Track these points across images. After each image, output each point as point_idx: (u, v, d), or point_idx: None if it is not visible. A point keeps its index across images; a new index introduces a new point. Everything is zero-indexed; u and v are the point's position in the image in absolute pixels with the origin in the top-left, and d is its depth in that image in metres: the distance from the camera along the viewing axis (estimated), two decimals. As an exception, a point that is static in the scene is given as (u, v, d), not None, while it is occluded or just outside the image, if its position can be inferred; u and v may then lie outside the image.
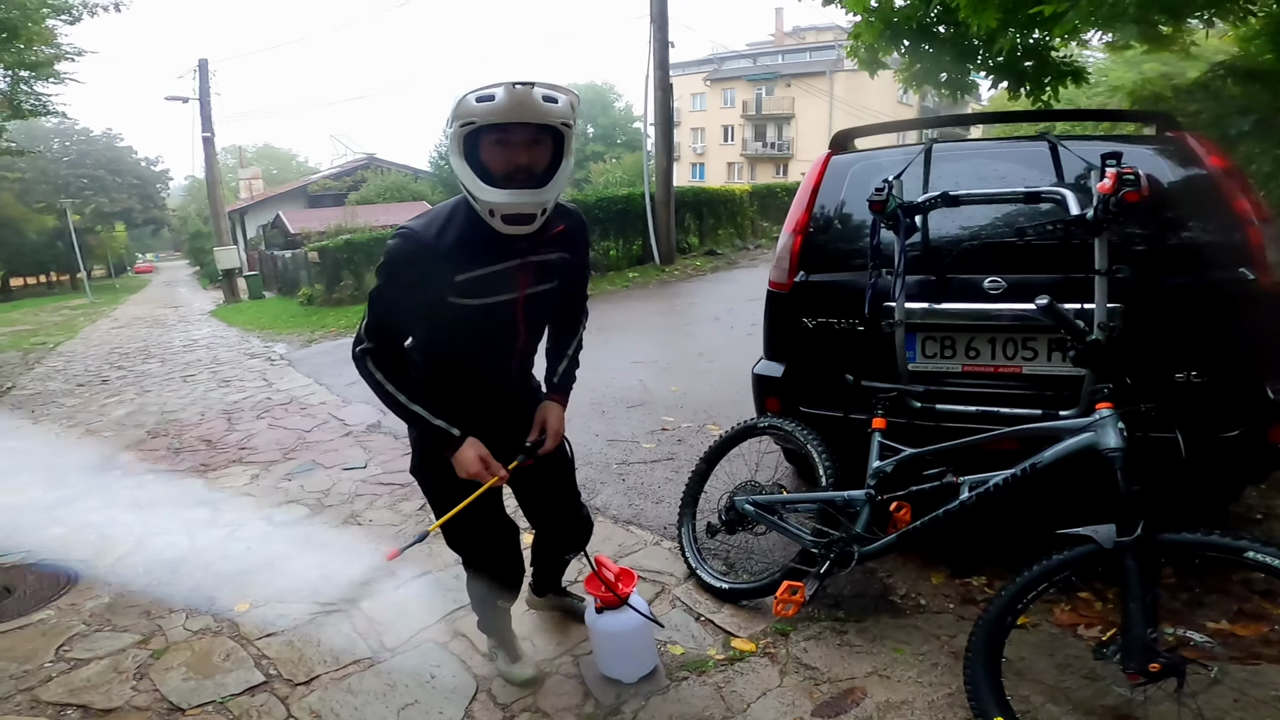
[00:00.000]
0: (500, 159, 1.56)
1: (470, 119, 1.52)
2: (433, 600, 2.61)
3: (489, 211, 1.58)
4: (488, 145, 1.56)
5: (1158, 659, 1.55)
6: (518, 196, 1.56)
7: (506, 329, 1.79)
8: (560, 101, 1.53)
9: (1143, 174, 1.75)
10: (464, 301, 1.66)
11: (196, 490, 4.19)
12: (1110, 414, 1.70)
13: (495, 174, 1.57)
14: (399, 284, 1.64)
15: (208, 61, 18.15)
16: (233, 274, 19.56)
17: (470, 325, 1.72)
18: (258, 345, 10.18)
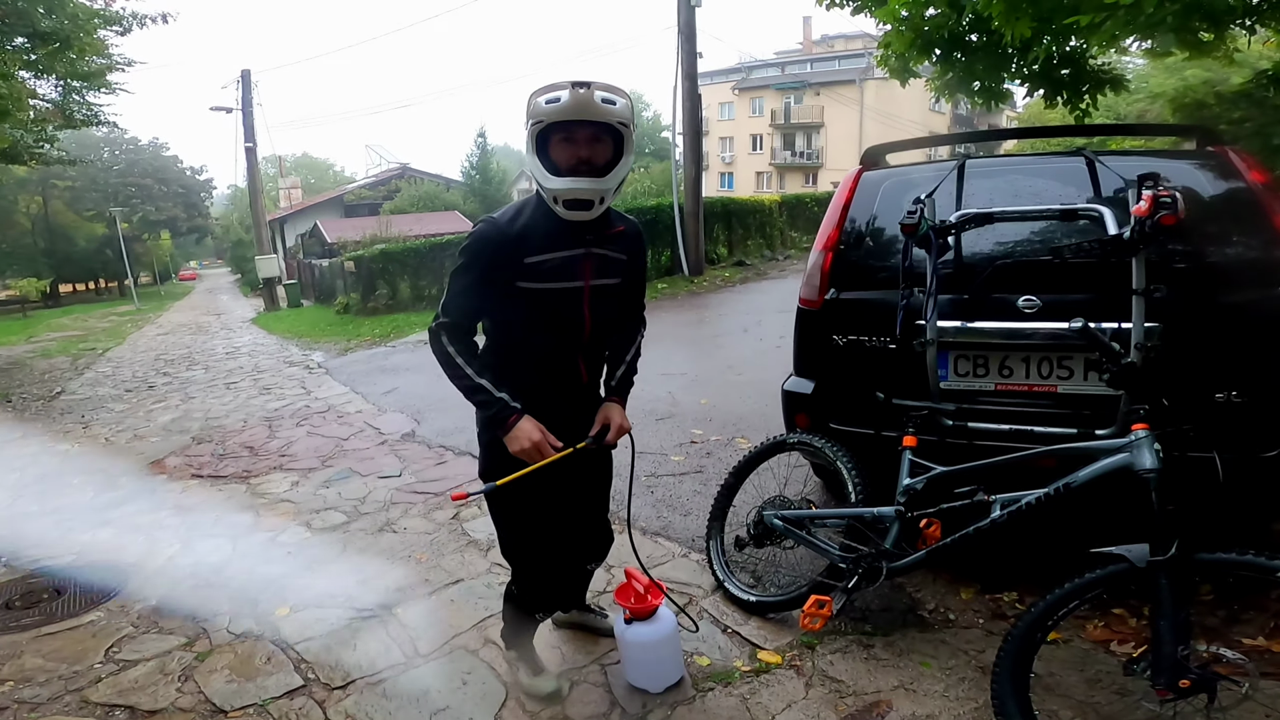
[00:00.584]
0: (565, 153, 1.73)
1: (540, 118, 1.70)
2: (464, 607, 2.67)
3: (554, 199, 1.76)
4: (555, 141, 1.73)
5: (1188, 675, 1.54)
6: (577, 183, 1.74)
7: (572, 319, 1.89)
8: (618, 103, 1.70)
9: (1179, 196, 1.72)
10: (532, 285, 1.81)
11: (239, 496, 4.32)
12: (1146, 435, 1.69)
13: (561, 167, 1.74)
14: (477, 264, 1.80)
15: (250, 72, 18.67)
16: (273, 282, 20.08)
17: (538, 312, 1.84)
18: (296, 353, 10.45)
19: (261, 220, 20.34)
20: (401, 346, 9.76)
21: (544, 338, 1.89)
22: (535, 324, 1.86)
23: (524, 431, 1.81)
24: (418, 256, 14.35)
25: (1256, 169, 2.25)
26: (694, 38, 12.37)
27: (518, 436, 1.81)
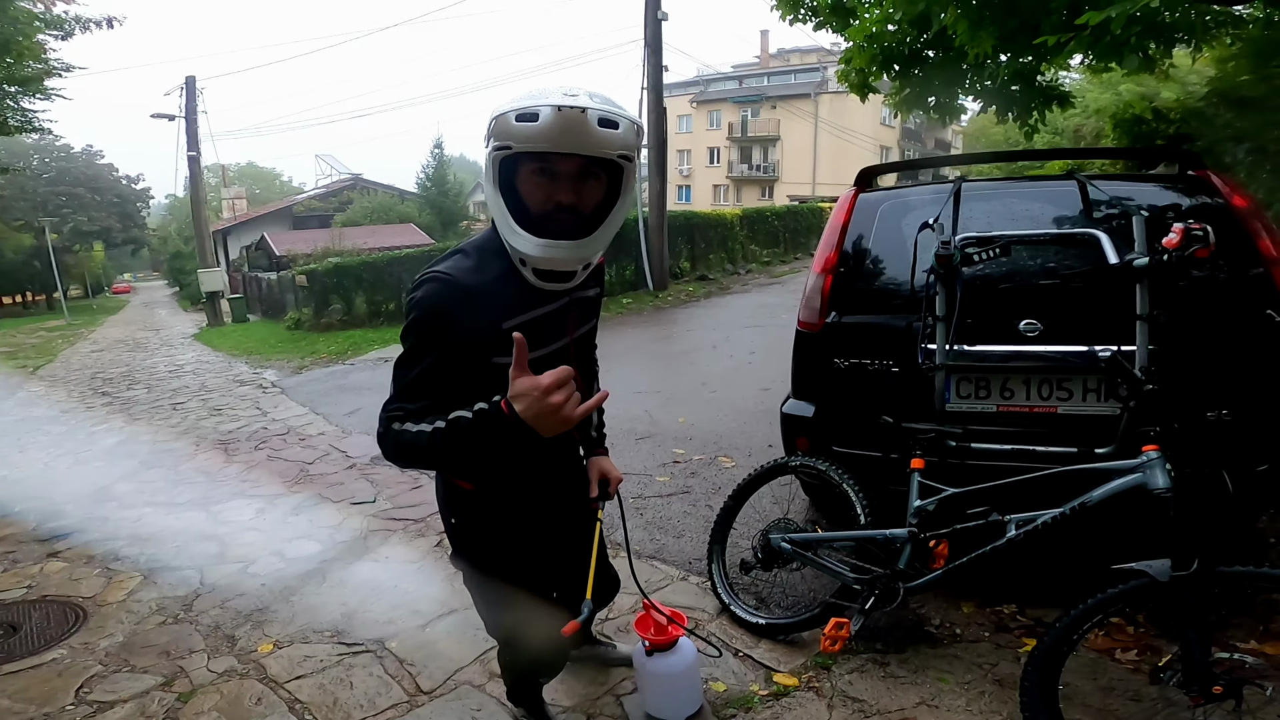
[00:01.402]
0: (540, 193, 1.29)
1: (507, 142, 1.23)
2: (462, 639, 2.57)
3: (520, 260, 1.33)
4: (527, 175, 1.29)
5: (1219, 681, 1.61)
6: (553, 249, 1.29)
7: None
8: (620, 127, 1.24)
9: (1210, 229, 1.79)
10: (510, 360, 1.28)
11: (200, 524, 4.10)
12: (1158, 455, 1.74)
13: (534, 211, 1.30)
14: (435, 342, 1.31)
15: (195, 79, 18.08)
16: (216, 297, 19.32)
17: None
18: (246, 371, 10.04)
19: (205, 232, 19.61)
20: (361, 364, 9.48)
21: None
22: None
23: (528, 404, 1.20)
24: (374, 270, 14.00)
25: (1239, 193, 2.36)
26: (660, 51, 12.49)
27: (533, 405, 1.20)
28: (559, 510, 1.68)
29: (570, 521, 1.73)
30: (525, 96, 1.23)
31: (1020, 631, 2.40)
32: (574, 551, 1.70)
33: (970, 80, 5.56)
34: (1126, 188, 2.46)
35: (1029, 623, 2.44)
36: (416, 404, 1.31)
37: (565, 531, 1.72)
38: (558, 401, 1.20)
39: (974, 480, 2.13)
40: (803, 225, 18.81)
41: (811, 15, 6.73)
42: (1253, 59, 5.05)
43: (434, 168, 29.72)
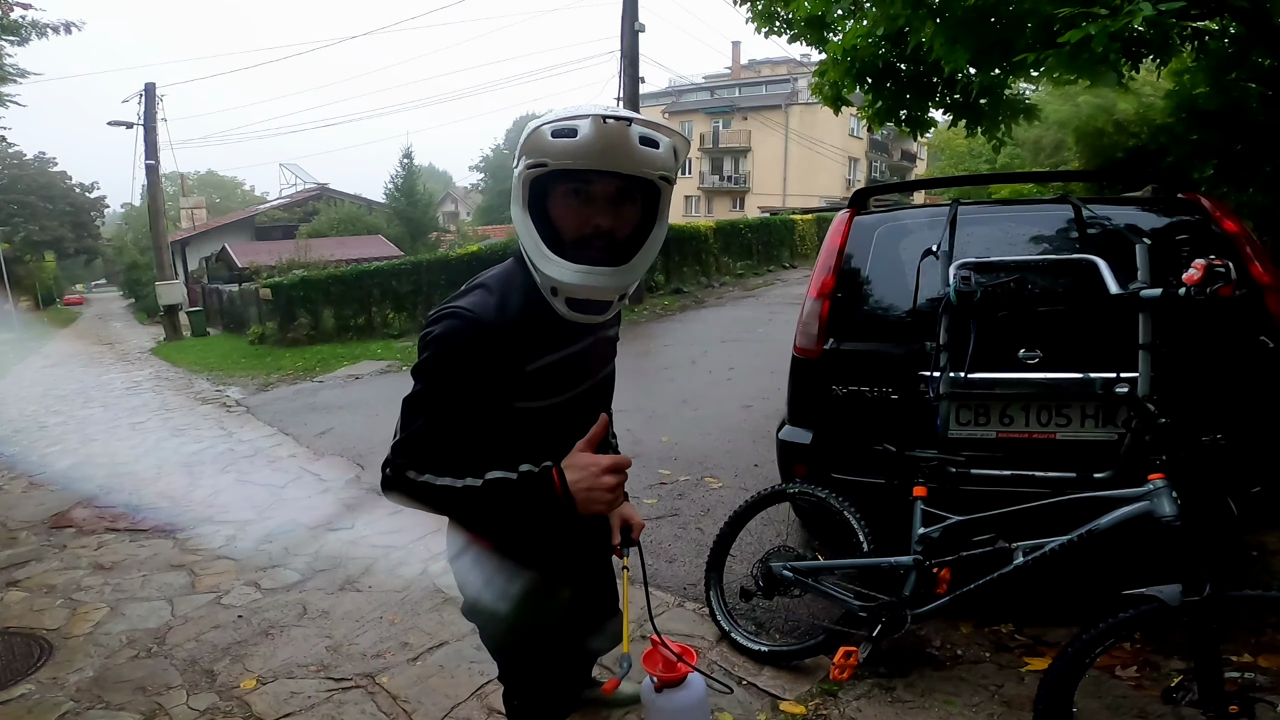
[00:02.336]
0: (575, 217, 1.20)
1: (541, 159, 1.14)
2: (457, 673, 2.49)
3: (550, 289, 1.22)
4: (561, 196, 1.20)
5: (1234, 701, 1.63)
6: (592, 276, 1.19)
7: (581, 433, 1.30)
8: (661, 146, 1.17)
9: (1231, 265, 1.81)
10: (536, 405, 1.27)
11: (167, 552, 3.94)
12: (1164, 484, 1.77)
13: (566, 235, 1.21)
14: (452, 384, 1.22)
15: (155, 85, 17.60)
16: (175, 310, 18.74)
17: (546, 441, 1.26)
18: (208, 389, 9.75)
19: (162, 243, 19.02)
20: (330, 382, 9.26)
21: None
22: (534, 454, 1.25)
23: (582, 478, 1.19)
24: (342, 284, 13.71)
25: (1229, 218, 2.42)
26: (636, 62, 12.55)
27: (586, 486, 1.19)
28: (582, 562, 1.59)
29: (592, 571, 1.66)
30: (561, 111, 1.16)
31: (1020, 650, 2.41)
32: (594, 601, 1.65)
33: (941, 94, 5.69)
34: (1118, 211, 2.51)
35: (1027, 641, 2.45)
36: (431, 453, 1.22)
37: (587, 582, 1.64)
38: (610, 484, 1.19)
39: (975, 506, 2.13)
40: (775, 237, 18.94)
41: (786, 28, 6.84)
42: (1210, 72, 5.10)
43: (403, 178, 29.36)
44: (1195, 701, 1.67)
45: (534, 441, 1.28)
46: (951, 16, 3.98)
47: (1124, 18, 3.02)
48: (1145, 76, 6.69)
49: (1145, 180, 3.05)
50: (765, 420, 5.00)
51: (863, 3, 4.89)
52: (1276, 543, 2.94)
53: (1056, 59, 3.54)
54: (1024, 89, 6.78)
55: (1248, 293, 2.25)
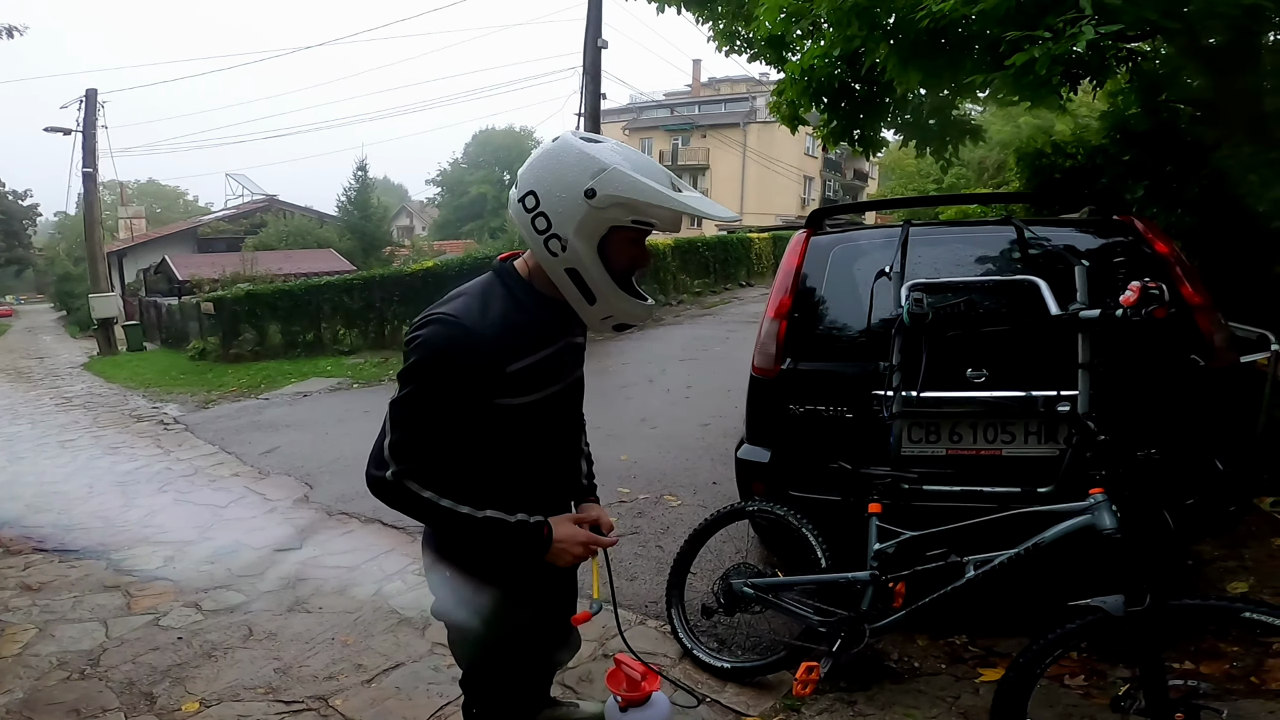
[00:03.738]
0: (628, 257, 1.39)
1: (648, 220, 1.33)
2: (414, 695, 2.43)
3: (603, 318, 1.42)
4: (626, 241, 1.37)
5: (1179, 708, 1.68)
6: (649, 309, 1.45)
7: (558, 431, 1.57)
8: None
9: (1164, 287, 1.91)
10: (515, 401, 1.40)
11: (99, 573, 3.76)
12: (1104, 498, 1.85)
13: (616, 271, 1.38)
14: (443, 387, 1.34)
15: (96, 92, 17.05)
16: (109, 323, 17.94)
17: (522, 434, 1.45)
18: (145, 406, 9.36)
19: (98, 253, 18.26)
20: (276, 399, 8.99)
21: (524, 461, 1.49)
22: (514, 447, 1.46)
23: (569, 535, 1.45)
24: (290, 298, 13.35)
25: (1161, 239, 2.56)
26: (599, 78, 12.67)
27: (567, 544, 1.44)
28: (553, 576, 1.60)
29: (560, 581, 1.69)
30: (645, 173, 1.31)
31: (974, 662, 2.47)
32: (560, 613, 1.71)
33: (893, 114, 5.90)
34: (1056, 232, 2.64)
35: (981, 652, 2.52)
36: (427, 454, 1.35)
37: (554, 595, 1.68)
38: (580, 553, 1.48)
39: (928, 521, 2.20)
40: (732, 256, 19.05)
41: (746, 47, 7.03)
42: (1142, 93, 5.38)
43: (357, 190, 28.78)
44: (1142, 710, 1.72)
45: (512, 435, 1.44)
46: (905, 38, 4.13)
47: (1066, 41, 3.18)
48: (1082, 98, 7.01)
49: (1083, 202, 3.21)
50: (723, 438, 5.04)
51: (821, 23, 5.04)
52: (1212, 552, 3.10)
53: (1002, 80, 3.70)
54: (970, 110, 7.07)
55: (1179, 313, 2.35)
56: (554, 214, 1.33)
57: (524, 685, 1.74)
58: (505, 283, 1.43)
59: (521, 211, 1.36)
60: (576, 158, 1.32)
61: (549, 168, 1.34)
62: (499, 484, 1.46)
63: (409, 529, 4.10)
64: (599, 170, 1.30)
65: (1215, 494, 2.41)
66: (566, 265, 1.35)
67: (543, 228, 1.34)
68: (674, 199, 1.31)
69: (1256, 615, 1.65)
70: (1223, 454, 2.42)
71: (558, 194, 1.32)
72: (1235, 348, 2.55)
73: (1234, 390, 2.52)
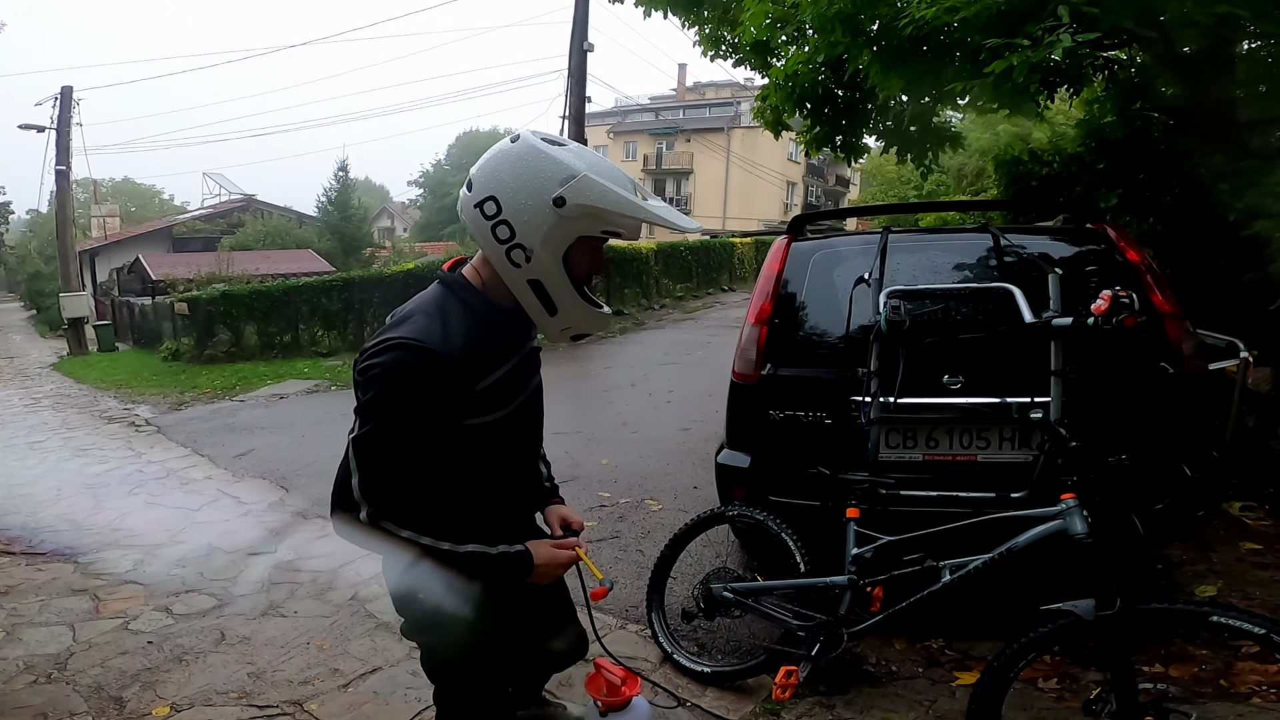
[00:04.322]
0: (590, 264, 1.34)
1: (616, 229, 1.29)
2: (392, 700, 2.41)
3: (563, 328, 1.37)
4: (588, 249, 1.32)
5: (1149, 711, 1.70)
6: (607, 318, 1.42)
7: (524, 440, 1.53)
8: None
9: (1135, 296, 1.95)
10: (484, 420, 1.35)
11: (67, 576, 3.69)
12: (1075, 503, 1.87)
13: (575, 278, 1.33)
14: (414, 413, 1.26)
15: (72, 89, 16.77)
16: (80, 323, 17.59)
17: (487, 449, 1.40)
18: (115, 407, 9.20)
19: (69, 252, 17.95)
20: (252, 401, 8.86)
21: (491, 479, 1.45)
22: (481, 466, 1.41)
23: (548, 557, 1.43)
24: (267, 299, 13.17)
25: (1133, 248, 2.61)
26: (584, 81, 12.67)
27: (549, 566, 1.44)
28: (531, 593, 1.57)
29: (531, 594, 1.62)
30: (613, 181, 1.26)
31: (951, 665, 2.50)
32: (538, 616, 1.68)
33: (874, 121, 5.96)
34: (1031, 240, 2.69)
35: (957, 656, 2.55)
36: (401, 490, 1.28)
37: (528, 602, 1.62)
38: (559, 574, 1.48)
39: (905, 526, 2.21)
40: (715, 260, 19.15)
41: (732, 52, 7.08)
42: (1117, 101, 5.47)
43: (337, 191, 28.51)
44: (1113, 713, 1.74)
45: (481, 454, 1.39)
46: (888, 45, 4.18)
47: (1044, 49, 3.23)
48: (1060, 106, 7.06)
49: (1057, 210, 3.26)
50: (704, 443, 5.05)
51: (805, 29, 5.08)
52: (1181, 556, 3.16)
53: (982, 87, 3.76)
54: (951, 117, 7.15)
55: (1149, 320, 2.38)
56: (518, 223, 1.25)
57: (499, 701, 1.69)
58: (459, 296, 1.36)
59: (479, 218, 1.27)
60: (544, 163, 1.24)
61: (512, 172, 1.25)
62: (469, 506, 1.41)
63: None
64: (568, 177, 1.23)
65: (1184, 499, 2.45)
66: (530, 276, 1.29)
67: (505, 237, 1.26)
68: (644, 209, 1.28)
69: (1223, 619, 1.67)
70: (1191, 460, 2.47)
71: (522, 201, 1.24)
72: (1204, 355, 2.60)
73: (1202, 397, 2.57)
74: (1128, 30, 3.62)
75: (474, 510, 1.41)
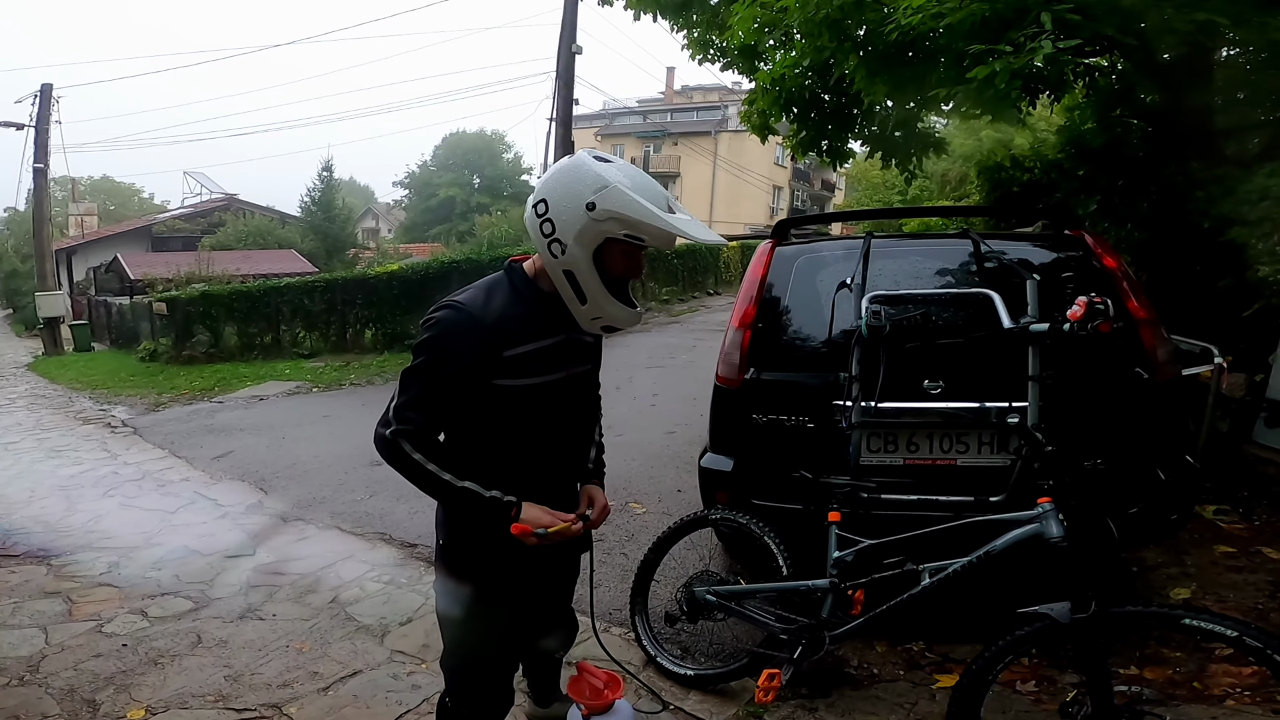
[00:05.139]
0: (625, 267, 1.55)
1: (639, 236, 1.48)
2: (373, 703, 2.39)
3: (593, 318, 1.57)
4: (620, 252, 1.53)
5: (1124, 714, 1.72)
6: (636, 316, 1.59)
7: (560, 417, 1.69)
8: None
9: (1110, 302, 1.97)
10: (511, 383, 1.56)
11: (40, 578, 3.63)
12: (1051, 507, 1.89)
13: (610, 278, 1.54)
14: (447, 361, 1.53)
15: (52, 87, 16.53)
16: (56, 322, 17.30)
17: (516, 413, 1.60)
18: (91, 408, 9.06)
19: (46, 251, 17.65)
20: (231, 403, 8.75)
21: (525, 442, 1.64)
22: (514, 427, 1.62)
23: (533, 516, 1.58)
24: (247, 300, 13.01)
25: (1109, 254, 2.64)
26: (571, 84, 12.66)
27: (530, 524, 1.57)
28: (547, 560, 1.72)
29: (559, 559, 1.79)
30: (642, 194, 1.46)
31: (931, 668, 2.51)
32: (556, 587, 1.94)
33: (860, 126, 6.00)
34: (1012, 245, 2.72)
35: (937, 659, 2.56)
36: (425, 417, 1.53)
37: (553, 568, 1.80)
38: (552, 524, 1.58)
39: (887, 530, 2.22)
40: (700, 264, 19.10)
41: (720, 55, 7.10)
42: (1097, 108, 5.49)
43: (321, 191, 28.19)
44: (1089, 716, 1.76)
45: (512, 415, 1.60)
46: (874, 50, 4.20)
47: (1025, 55, 3.26)
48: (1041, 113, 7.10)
49: (1037, 216, 3.29)
50: (689, 446, 5.05)
51: (793, 34, 5.11)
52: (1156, 559, 3.20)
53: (965, 93, 3.78)
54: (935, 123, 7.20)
55: (1124, 326, 2.42)
56: (559, 221, 1.49)
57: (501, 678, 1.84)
58: (511, 279, 1.62)
59: (533, 215, 1.53)
60: (585, 173, 1.48)
61: (560, 180, 1.50)
62: (496, 463, 1.60)
63: (367, 535, 4.03)
64: (601, 186, 1.45)
65: (1158, 503, 2.48)
66: (564, 267, 1.52)
67: (548, 232, 1.51)
68: (663, 219, 1.45)
69: (1196, 622, 1.69)
70: (1165, 464, 2.50)
71: (564, 204, 1.48)
72: (1178, 361, 2.64)
73: (1176, 402, 2.61)
74: (1108, 37, 3.65)
75: (497, 467, 1.59)
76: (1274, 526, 3.52)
